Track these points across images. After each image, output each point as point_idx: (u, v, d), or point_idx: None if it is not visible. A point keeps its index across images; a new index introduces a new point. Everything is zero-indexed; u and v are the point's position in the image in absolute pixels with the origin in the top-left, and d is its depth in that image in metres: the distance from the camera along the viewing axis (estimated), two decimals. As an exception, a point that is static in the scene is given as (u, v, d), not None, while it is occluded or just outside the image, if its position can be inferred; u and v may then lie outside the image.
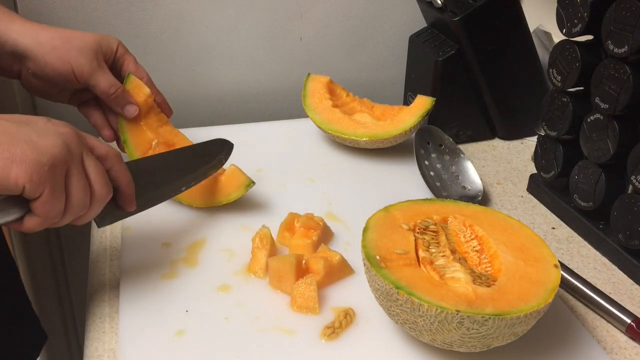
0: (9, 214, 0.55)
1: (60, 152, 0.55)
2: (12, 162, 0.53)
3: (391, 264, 0.61)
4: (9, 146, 0.53)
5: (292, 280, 0.70)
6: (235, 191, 0.82)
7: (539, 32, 1.07)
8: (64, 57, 0.78)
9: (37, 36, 0.77)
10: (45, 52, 0.78)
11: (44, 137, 0.55)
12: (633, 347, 0.67)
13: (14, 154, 0.53)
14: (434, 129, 0.96)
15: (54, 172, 0.55)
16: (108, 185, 0.61)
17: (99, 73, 0.81)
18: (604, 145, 0.78)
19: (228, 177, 0.83)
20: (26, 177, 0.53)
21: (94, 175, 0.59)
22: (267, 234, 0.75)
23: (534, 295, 0.59)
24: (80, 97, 0.87)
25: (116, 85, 0.83)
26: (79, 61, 0.79)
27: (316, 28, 1.13)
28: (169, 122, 0.90)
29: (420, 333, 0.60)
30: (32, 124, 0.56)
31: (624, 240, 0.76)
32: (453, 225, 0.70)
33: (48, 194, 0.55)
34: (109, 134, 0.87)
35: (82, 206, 0.59)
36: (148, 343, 0.64)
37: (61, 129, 0.58)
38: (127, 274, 0.73)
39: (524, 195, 0.93)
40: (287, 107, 1.18)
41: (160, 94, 0.90)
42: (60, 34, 0.79)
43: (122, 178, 0.64)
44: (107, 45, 0.83)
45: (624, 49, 0.72)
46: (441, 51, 1.00)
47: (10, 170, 0.52)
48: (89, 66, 0.80)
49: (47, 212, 0.56)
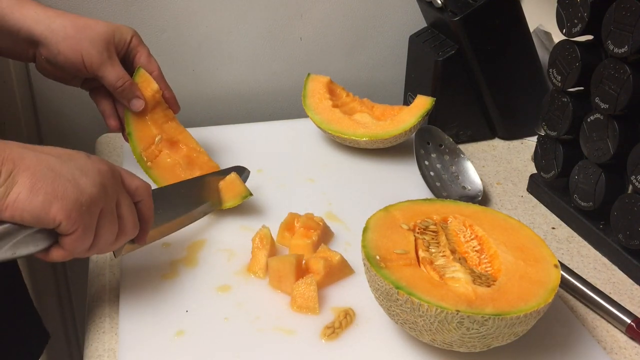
0: (37, 245, 0.56)
1: (98, 193, 0.57)
2: (54, 198, 0.53)
3: (391, 264, 0.61)
4: (53, 182, 0.54)
5: (292, 280, 0.70)
6: (231, 199, 0.82)
7: (539, 32, 1.07)
8: (76, 46, 0.78)
9: (51, 23, 0.77)
10: (58, 40, 0.78)
11: (85, 176, 0.56)
12: (633, 347, 0.67)
13: (56, 191, 0.54)
14: (434, 129, 0.96)
15: (90, 212, 0.56)
16: (136, 226, 0.63)
17: (108, 65, 0.81)
18: (604, 145, 0.78)
19: (227, 184, 0.82)
20: (64, 214, 0.54)
21: (126, 215, 0.61)
22: (267, 234, 0.75)
23: (534, 295, 0.59)
24: (91, 84, 0.87)
25: (124, 78, 0.82)
26: (90, 51, 0.79)
27: (316, 28, 1.13)
28: (175, 119, 0.90)
29: (420, 333, 0.60)
30: (74, 160, 0.57)
31: (624, 240, 0.76)
32: (453, 225, 0.70)
33: (80, 232, 0.56)
34: (114, 124, 0.87)
35: (109, 244, 0.61)
36: (148, 343, 0.64)
37: (100, 166, 0.59)
38: (127, 274, 0.73)
39: (524, 195, 0.93)
40: (287, 107, 1.18)
41: (169, 89, 0.89)
42: (74, 22, 0.79)
43: (146, 212, 0.65)
44: (120, 36, 0.83)
45: (624, 49, 0.72)
46: (441, 51, 1.00)
47: (51, 206, 0.53)
48: (99, 57, 0.80)
49: (74, 248, 0.57)
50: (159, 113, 0.88)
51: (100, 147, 1.01)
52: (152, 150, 0.87)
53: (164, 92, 0.88)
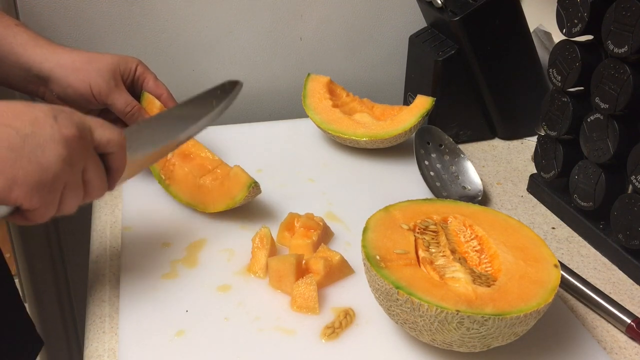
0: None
1: (62, 168, 0.55)
2: (14, 183, 0.52)
3: (391, 264, 0.61)
4: (13, 165, 0.52)
5: (292, 280, 0.70)
6: (239, 193, 0.80)
7: (539, 32, 1.07)
8: (84, 77, 0.82)
9: (60, 59, 0.81)
10: (67, 74, 0.81)
11: (49, 149, 0.54)
12: (633, 347, 0.67)
13: (16, 175, 0.52)
14: (434, 129, 0.96)
15: (52, 189, 0.55)
16: (104, 187, 0.61)
17: (115, 92, 0.84)
18: (604, 145, 0.78)
19: (231, 178, 0.81)
20: (25, 197, 0.53)
21: (92, 179, 0.59)
22: (267, 234, 0.75)
23: (534, 295, 0.59)
24: (105, 118, 0.88)
25: (132, 104, 0.85)
26: (97, 81, 0.82)
27: (316, 28, 1.13)
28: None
29: (420, 333, 0.60)
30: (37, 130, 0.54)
31: (624, 240, 0.76)
32: (453, 225, 0.70)
33: (42, 209, 0.55)
34: None
35: (73, 207, 0.59)
36: (148, 343, 0.64)
37: (67, 131, 0.56)
38: (127, 274, 0.73)
39: (524, 195, 0.93)
40: (287, 107, 1.18)
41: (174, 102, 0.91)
42: (81, 56, 0.83)
43: (116, 164, 0.62)
44: (125, 66, 0.86)
45: (624, 49, 0.72)
46: (441, 51, 1.00)
47: (11, 191, 0.52)
48: (106, 86, 0.83)
49: (37, 219, 0.56)
50: None
51: (100, 147, 1.01)
52: (167, 167, 0.87)
53: (168, 103, 0.89)
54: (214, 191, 0.82)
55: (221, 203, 0.81)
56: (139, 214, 0.83)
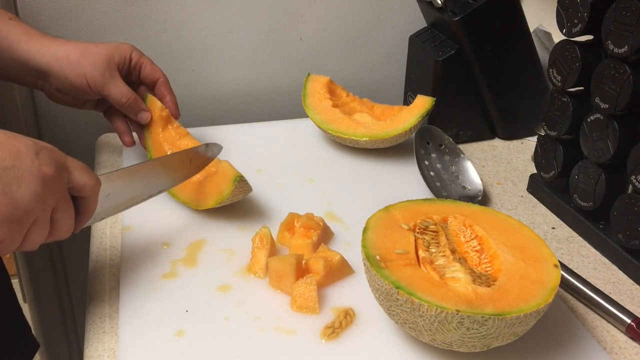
0: None
1: (34, 205, 0.55)
2: None
3: (391, 264, 0.61)
4: None
5: (292, 280, 0.70)
6: (226, 187, 0.79)
7: (539, 32, 1.07)
8: (80, 70, 0.82)
9: (55, 52, 0.82)
10: (63, 67, 0.82)
11: (24, 186, 0.54)
12: (633, 347, 0.67)
13: None
14: (434, 129, 0.96)
15: (20, 223, 0.54)
16: (70, 230, 0.61)
17: (111, 83, 0.84)
18: (604, 145, 0.78)
19: (220, 174, 0.81)
20: None
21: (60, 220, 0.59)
22: (267, 234, 0.75)
23: (534, 295, 0.59)
24: (103, 105, 0.91)
25: (127, 95, 0.86)
26: (93, 73, 0.83)
27: (316, 28, 1.13)
28: (188, 134, 0.91)
29: (420, 333, 0.60)
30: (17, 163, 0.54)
31: (624, 240, 0.76)
32: (453, 225, 0.70)
33: (6, 242, 0.55)
34: (129, 140, 0.91)
35: (35, 245, 0.58)
36: (148, 343, 0.64)
37: (45, 169, 0.55)
38: (127, 274, 0.73)
39: (524, 195, 0.93)
40: (287, 107, 1.18)
41: (172, 93, 0.91)
42: (76, 48, 0.83)
43: (86, 209, 0.63)
44: (119, 55, 0.86)
45: (624, 49, 0.72)
46: (441, 51, 1.00)
47: None
48: (102, 78, 0.83)
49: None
50: (171, 132, 0.90)
51: (100, 147, 1.01)
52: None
53: (166, 96, 0.90)
54: (205, 188, 0.82)
55: (211, 199, 0.81)
56: (139, 214, 0.83)
